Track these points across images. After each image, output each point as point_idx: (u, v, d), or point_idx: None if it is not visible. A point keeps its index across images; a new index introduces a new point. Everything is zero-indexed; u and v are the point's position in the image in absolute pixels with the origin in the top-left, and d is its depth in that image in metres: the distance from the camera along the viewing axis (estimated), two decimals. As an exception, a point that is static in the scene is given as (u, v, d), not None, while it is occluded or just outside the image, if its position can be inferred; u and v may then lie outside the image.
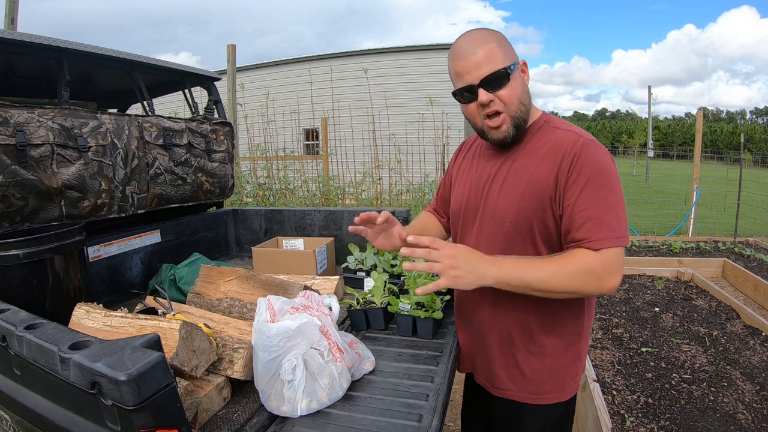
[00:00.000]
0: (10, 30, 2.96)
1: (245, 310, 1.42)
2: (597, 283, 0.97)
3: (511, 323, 1.15)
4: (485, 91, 1.02)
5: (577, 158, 1.01)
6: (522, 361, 1.15)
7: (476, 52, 1.01)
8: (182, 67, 2.31)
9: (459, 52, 1.04)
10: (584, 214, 0.99)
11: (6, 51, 1.61)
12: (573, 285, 0.97)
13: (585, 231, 0.98)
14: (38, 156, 1.50)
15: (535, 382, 1.15)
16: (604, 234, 0.97)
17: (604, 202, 0.98)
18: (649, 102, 18.64)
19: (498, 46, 1.03)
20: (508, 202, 1.09)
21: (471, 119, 1.10)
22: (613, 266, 0.97)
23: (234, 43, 5.52)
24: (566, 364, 1.14)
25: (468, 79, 1.02)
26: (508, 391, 1.19)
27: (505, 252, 1.09)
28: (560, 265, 0.97)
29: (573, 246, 1.00)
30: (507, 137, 1.07)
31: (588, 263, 0.96)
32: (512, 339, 1.15)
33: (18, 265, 1.29)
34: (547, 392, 1.15)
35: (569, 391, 1.17)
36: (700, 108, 11.40)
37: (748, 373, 2.40)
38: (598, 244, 0.97)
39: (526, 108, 1.07)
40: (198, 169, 2.22)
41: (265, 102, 6.11)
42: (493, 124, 1.05)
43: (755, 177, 7.66)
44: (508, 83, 1.03)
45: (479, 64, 1.01)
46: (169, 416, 0.70)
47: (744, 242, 5.25)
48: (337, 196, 5.65)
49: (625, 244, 0.99)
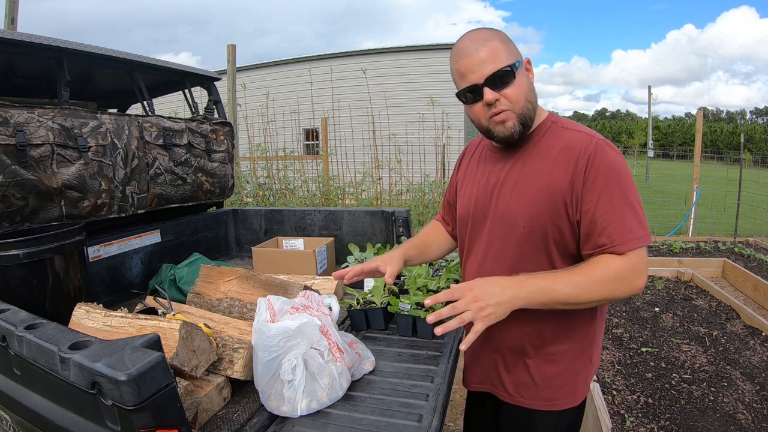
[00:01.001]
0: (10, 30, 2.96)
1: (245, 310, 1.42)
2: (627, 287, 0.96)
3: (524, 333, 1.11)
4: (491, 90, 0.99)
5: (592, 160, 0.99)
6: (534, 369, 1.12)
7: (479, 50, 0.99)
8: (182, 67, 2.31)
9: (461, 51, 1.02)
10: (606, 217, 0.97)
11: (6, 51, 1.61)
12: (604, 293, 0.95)
13: (608, 235, 0.96)
14: (38, 156, 1.50)
15: (547, 389, 1.12)
16: (627, 237, 0.95)
17: (624, 204, 0.97)
18: (649, 102, 18.65)
19: (501, 44, 1.01)
20: (520, 206, 1.06)
21: (476, 120, 1.07)
22: (640, 267, 0.96)
23: (234, 43, 5.52)
24: (578, 368, 1.12)
25: (472, 78, 1.00)
26: (519, 398, 1.15)
27: (517, 257, 1.07)
28: (588, 276, 0.95)
29: (596, 251, 0.98)
30: (513, 134, 1.04)
31: (615, 269, 0.95)
32: (524, 348, 1.12)
33: (18, 265, 1.29)
34: (558, 398, 1.12)
35: (580, 395, 1.14)
36: (700, 108, 11.40)
37: (748, 373, 2.40)
38: (622, 248, 0.95)
39: (532, 105, 1.05)
40: (198, 169, 2.22)
41: (265, 102, 6.10)
42: (499, 119, 1.02)
43: (755, 177, 7.66)
44: (513, 81, 1.00)
45: (483, 62, 0.98)
46: (169, 416, 0.70)
47: (744, 242, 5.25)
48: (337, 196, 5.65)
49: (649, 242, 0.98)
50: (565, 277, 0.96)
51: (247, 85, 6.42)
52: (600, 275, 0.95)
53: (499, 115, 1.02)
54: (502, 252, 1.10)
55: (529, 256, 1.06)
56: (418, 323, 1.39)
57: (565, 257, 1.05)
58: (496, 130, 1.05)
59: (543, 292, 0.95)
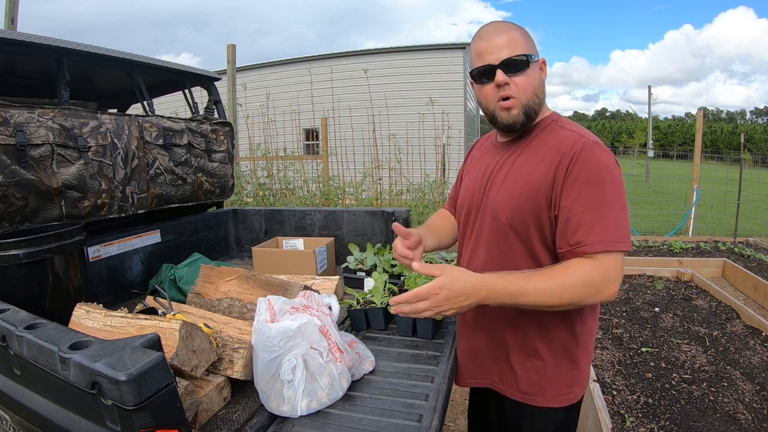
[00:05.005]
0: (10, 30, 2.96)
1: (245, 310, 1.42)
2: (595, 293, 0.94)
3: (504, 324, 1.14)
4: (503, 73, 1.03)
5: (576, 158, 0.99)
6: (516, 363, 1.14)
7: (501, 35, 1.04)
8: (182, 67, 2.31)
9: (483, 33, 1.07)
10: (580, 217, 0.96)
11: (6, 51, 1.61)
12: (571, 299, 0.94)
13: (580, 235, 0.95)
14: (38, 156, 1.50)
15: (524, 381, 1.14)
16: (599, 237, 0.94)
17: (603, 205, 0.95)
18: (649, 102, 18.64)
19: (522, 36, 1.06)
20: (506, 199, 1.08)
21: (484, 102, 1.10)
22: (611, 274, 0.93)
23: (234, 44, 5.52)
24: (561, 370, 1.12)
25: (488, 59, 1.04)
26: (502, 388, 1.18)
27: (504, 249, 1.09)
28: (557, 282, 0.93)
29: (569, 250, 0.98)
30: (516, 122, 1.07)
31: (585, 274, 0.93)
32: (505, 338, 1.15)
33: (18, 265, 1.29)
34: (536, 394, 1.13)
35: (564, 398, 1.13)
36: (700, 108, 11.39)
37: (748, 373, 2.40)
38: (592, 248, 0.94)
39: (539, 100, 1.08)
40: (198, 169, 2.22)
41: (265, 102, 6.10)
42: (505, 105, 1.06)
43: (755, 177, 7.65)
44: (526, 71, 1.04)
45: (501, 46, 1.03)
46: (169, 416, 0.70)
47: (744, 242, 5.25)
48: (337, 196, 5.65)
49: (625, 249, 0.95)
50: (534, 283, 0.94)
51: (248, 85, 6.43)
52: (570, 281, 0.93)
53: (506, 101, 1.05)
54: (490, 243, 1.12)
55: (515, 249, 1.08)
56: (419, 323, 1.39)
57: (548, 252, 1.06)
58: (500, 115, 1.08)
59: (507, 298, 0.94)
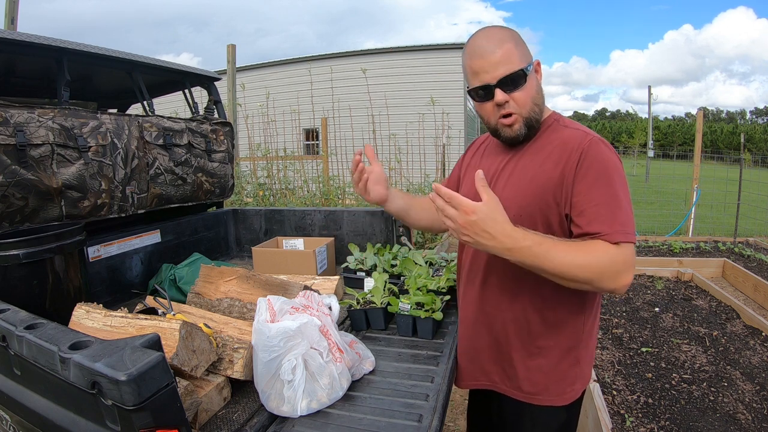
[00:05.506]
0: (10, 30, 2.96)
1: (245, 310, 1.42)
2: (614, 277, 0.93)
3: (508, 321, 1.14)
4: (502, 92, 1.03)
5: (584, 155, 1.00)
6: (518, 362, 1.14)
7: (495, 52, 1.02)
8: (182, 67, 2.31)
9: (476, 49, 1.04)
10: (596, 209, 0.97)
11: (6, 51, 1.61)
12: (590, 276, 0.92)
13: (599, 225, 0.96)
14: (38, 156, 1.50)
15: (527, 381, 1.14)
16: (618, 228, 0.95)
17: (614, 199, 0.97)
18: (649, 102, 18.65)
19: (515, 46, 1.04)
20: (511, 196, 1.08)
21: (485, 117, 1.11)
22: (630, 262, 0.94)
23: (234, 44, 5.51)
24: (565, 368, 1.12)
25: (485, 78, 1.03)
26: (504, 388, 1.18)
27: None
28: (584, 255, 0.92)
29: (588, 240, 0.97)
30: (519, 136, 1.08)
31: (611, 256, 0.93)
32: (508, 338, 1.15)
33: (18, 265, 1.28)
34: (539, 393, 1.13)
35: (568, 396, 1.14)
36: (700, 108, 11.39)
37: (748, 373, 2.40)
38: (614, 237, 0.94)
39: (539, 108, 1.09)
40: (198, 169, 2.22)
41: (265, 102, 6.10)
42: (507, 122, 1.07)
43: (755, 177, 7.65)
44: (524, 84, 1.04)
45: (497, 64, 1.01)
46: (169, 416, 0.70)
47: (744, 242, 5.25)
48: (337, 196, 5.65)
49: (635, 242, 0.97)
50: (561, 251, 0.93)
51: (247, 85, 6.42)
52: (594, 258, 0.93)
53: (507, 118, 1.06)
54: None
55: None
56: (418, 323, 1.39)
57: None
58: (503, 131, 1.09)
59: (531, 258, 0.93)
